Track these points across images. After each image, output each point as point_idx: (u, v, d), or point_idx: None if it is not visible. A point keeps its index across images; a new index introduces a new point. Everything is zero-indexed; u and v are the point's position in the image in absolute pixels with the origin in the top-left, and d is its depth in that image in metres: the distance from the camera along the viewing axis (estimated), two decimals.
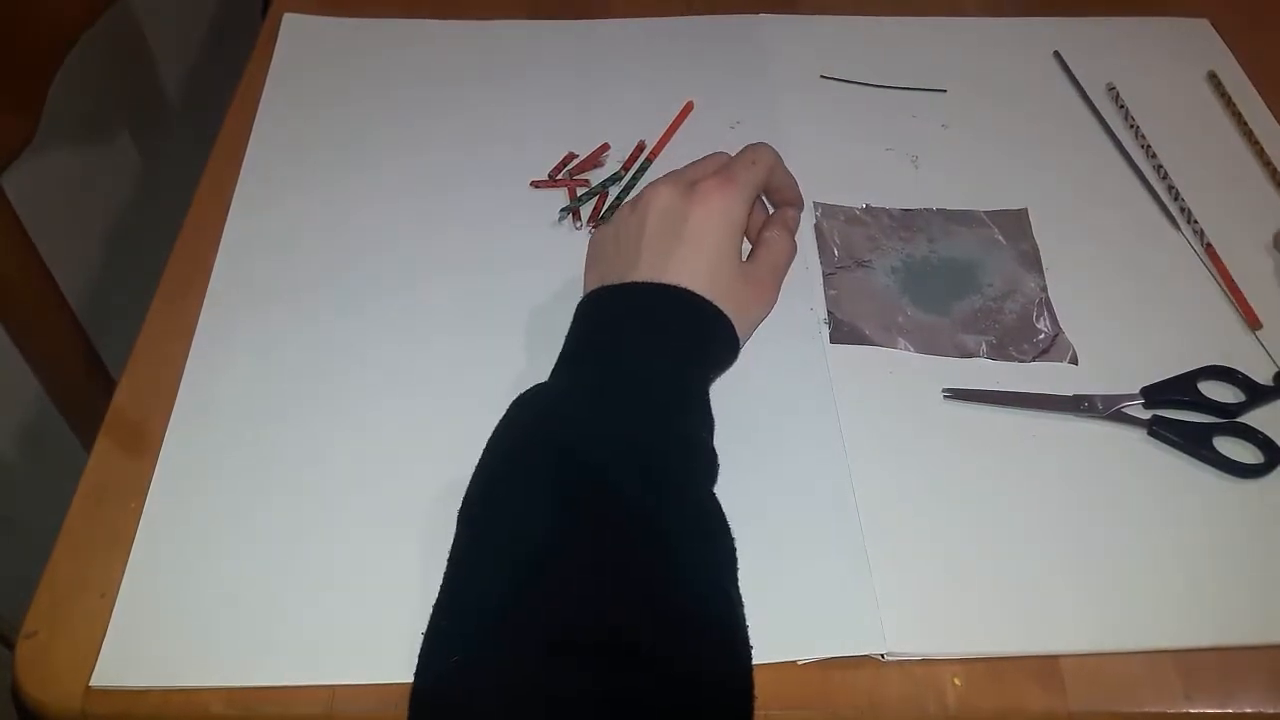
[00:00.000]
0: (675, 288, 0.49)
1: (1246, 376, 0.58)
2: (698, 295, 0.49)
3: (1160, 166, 0.71)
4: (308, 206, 0.68)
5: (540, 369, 0.59)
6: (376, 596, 0.50)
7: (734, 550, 0.45)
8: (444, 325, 0.62)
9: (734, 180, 0.52)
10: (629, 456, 0.44)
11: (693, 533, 0.44)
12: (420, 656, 0.42)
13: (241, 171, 0.69)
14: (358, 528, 0.53)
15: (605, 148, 0.72)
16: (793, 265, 0.55)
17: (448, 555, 0.45)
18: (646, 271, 0.50)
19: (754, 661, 0.42)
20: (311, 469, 0.55)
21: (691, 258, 0.50)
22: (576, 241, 0.66)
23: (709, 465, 0.47)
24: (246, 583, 0.51)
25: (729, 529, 0.45)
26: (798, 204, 0.57)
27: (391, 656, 0.48)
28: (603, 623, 0.39)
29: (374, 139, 0.72)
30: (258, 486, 0.54)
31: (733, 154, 0.55)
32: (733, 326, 0.50)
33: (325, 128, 0.73)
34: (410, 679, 0.48)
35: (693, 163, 0.56)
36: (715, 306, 0.49)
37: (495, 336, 0.61)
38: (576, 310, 0.52)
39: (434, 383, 0.59)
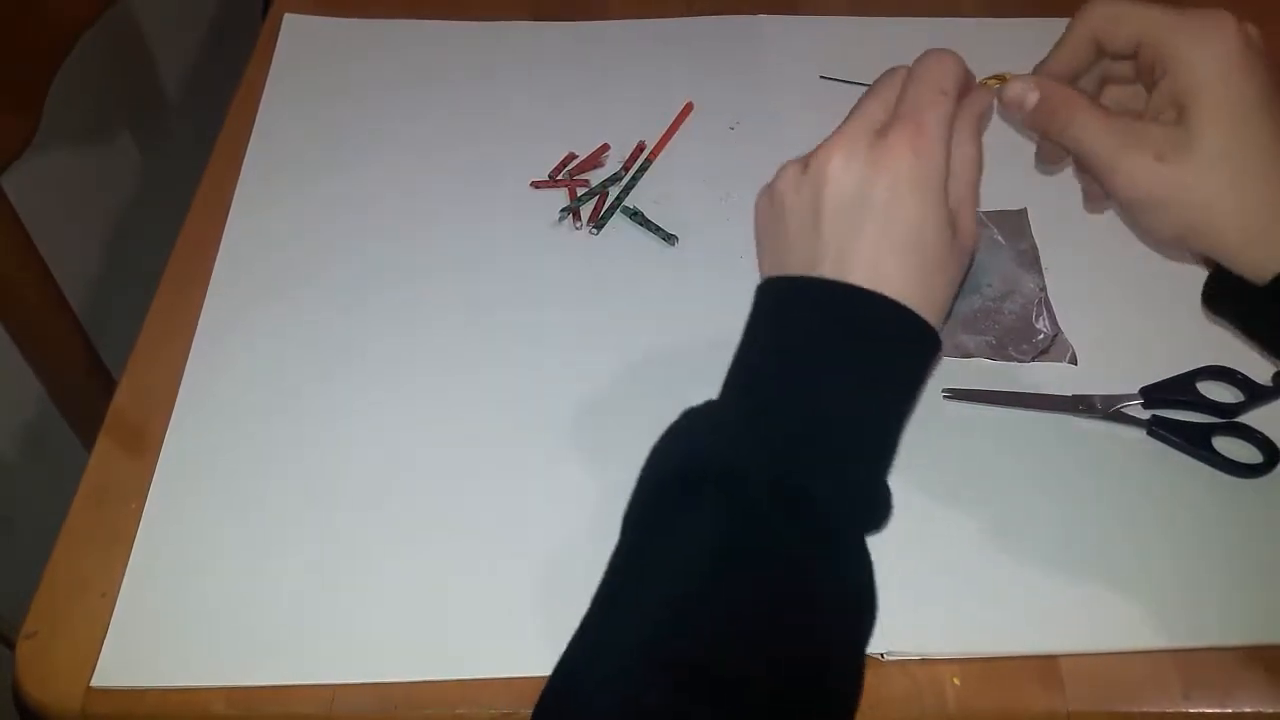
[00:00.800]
0: (881, 299, 0.41)
1: (1246, 376, 0.58)
2: (905, 310, 0.41)
3: None
4: (308, 206, 0.68)
5: (540, 369, 0.59)
6: (376, 596, 0.50)
7: (875, 611, 0.42)
8: (444, 326, 0.62)
9: (925, 129, 0.42)
10: (811, 524, 0.40)
11: (849, 604, 0.41)
12: (566, 653, 0.40)
13: (241, 171, 0.69)
14: (358, 528, 0.53)
15: (605, 148, 0.72)
16: None
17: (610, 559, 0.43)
18: (834, 266, 0.42)
19: None
20: (312, 469, 0.55)
21: (887, 246, 0.41)
22: (576, 241, 0.66)
23: (886, 514, 0.42)
24: (246, 583, 0.51)
25: (874, 587, 0.42)
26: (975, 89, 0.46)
27: (391, 656, 0.48)
28: (739, 671, 0.38)
29: (374, 139, 0.72)
30: (258, 486, 0.54)
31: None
32: (937, 339, 0.42)
33: (325, 128, 0.73)
34: (408, 678, 0.48)
35: (864, 98, 0.45)
36: (921, 322, 0.41)
37: (496, 337, 0.61)
38: (761, 296, 0.45)
39: (435, 384, 0.59)
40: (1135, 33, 0.45)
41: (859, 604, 0.42)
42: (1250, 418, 0.57)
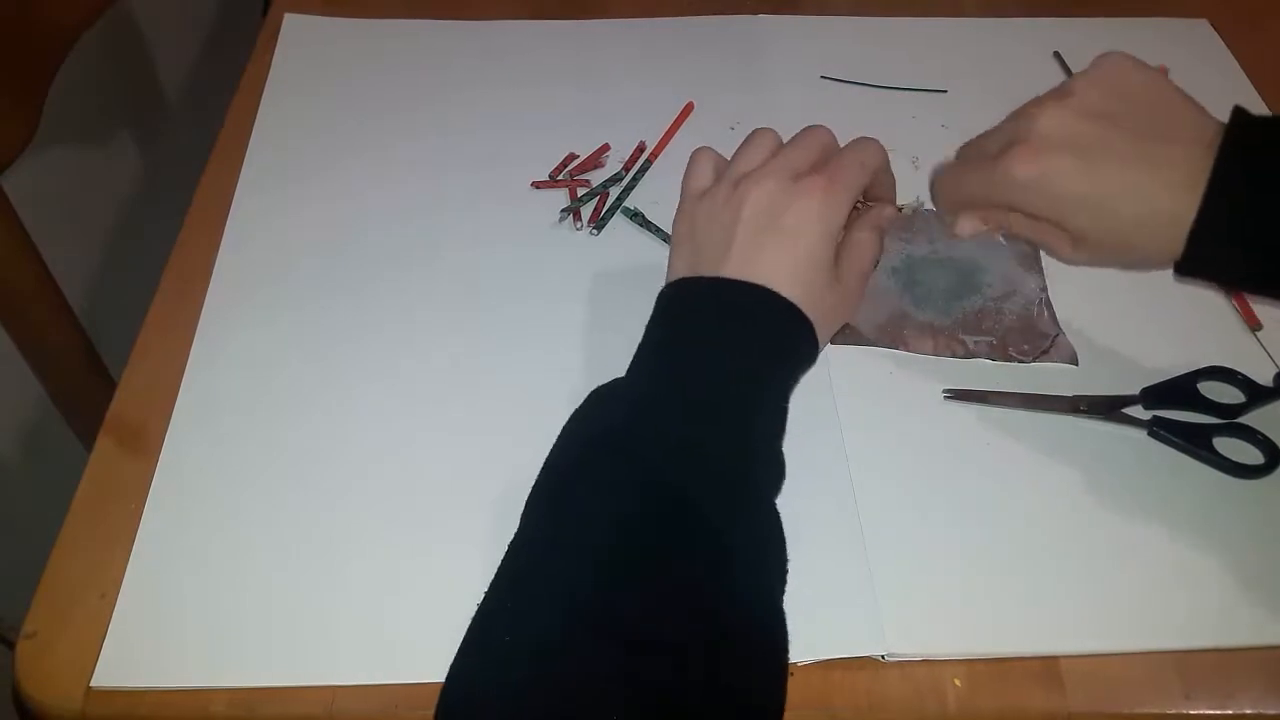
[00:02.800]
0: (764, 289, 0.49)
1: (1246, 377, 0.58)
2: (785, 299, 0.49)
3: None
4: (308, 206, 0.68)
5: (539, 368, 0.59)
6: (377, 596, 0.50)
7: (786, 563, 0.46)
8: (445, 326, 0.62)
9: (838, 183, 0.51)
10: (708, 473, 0.45)
11: (757, 549, 0.45)
12: (471, 635, 0.42)
13: (242, 171, 0.69)
14: (359, 527, 0.53)
15: (605, 148, 0.72)
16: None
17: (510, 543, 0.45)
18: (736, 266, 0.50)
19: None
20: (312, 469, 0.55)
21: (784, 259, 0.49)
22: (577, 242, 0.66)
23: (779, 474, 0.48)
24: (247, 583, 0.51)
25: (785, 541, 0.46)
26: (892, 202, 0.56)
27: (392, 657, 0.48)
28: (664, 635, 0.41)
29: (374, 140, 0.72)
30: (258, 486, 0.54)
31: (789, 141, 0.54)
32: (814, 333, 0.50)
33: (325, 128, 0.73)
34: (409, 679, 0.48)
35: (794, 140, 0.54)
36: (801, 312, 0.49)
37: (496, 337, 0.61)
38: (660, 296, 0.52)
39: (435, 383, 0.59)
40: (968, 198, 0.53)
41: (769, 557, 0.45)
42: (1251, 418, 0.57)
